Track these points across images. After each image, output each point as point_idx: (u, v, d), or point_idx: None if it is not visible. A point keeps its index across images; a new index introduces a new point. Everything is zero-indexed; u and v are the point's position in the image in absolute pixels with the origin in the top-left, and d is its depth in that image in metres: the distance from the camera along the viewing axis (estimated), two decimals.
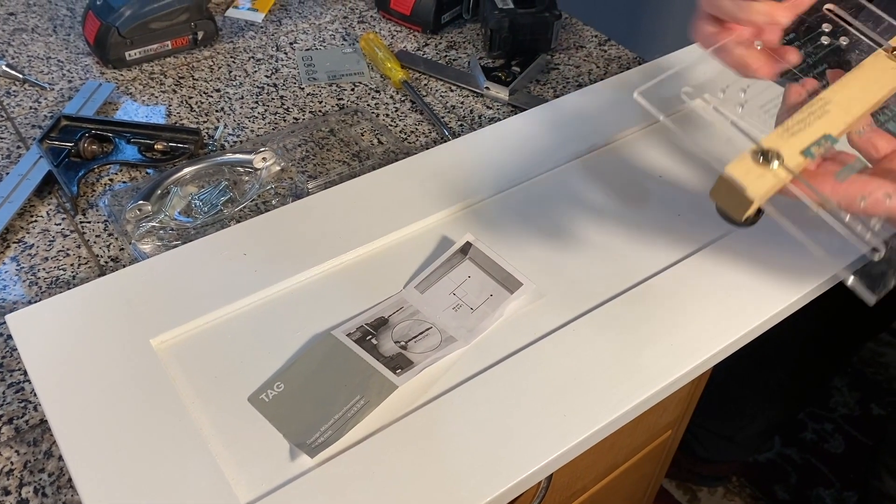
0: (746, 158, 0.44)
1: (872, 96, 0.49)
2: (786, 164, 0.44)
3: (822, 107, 0.48)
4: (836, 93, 0.49)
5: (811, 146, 0.45)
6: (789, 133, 0.46)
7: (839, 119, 0.47)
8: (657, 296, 0.57)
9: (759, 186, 0.43)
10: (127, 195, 0.66)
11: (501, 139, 0.70)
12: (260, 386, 0.51)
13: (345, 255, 0.59)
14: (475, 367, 0.52)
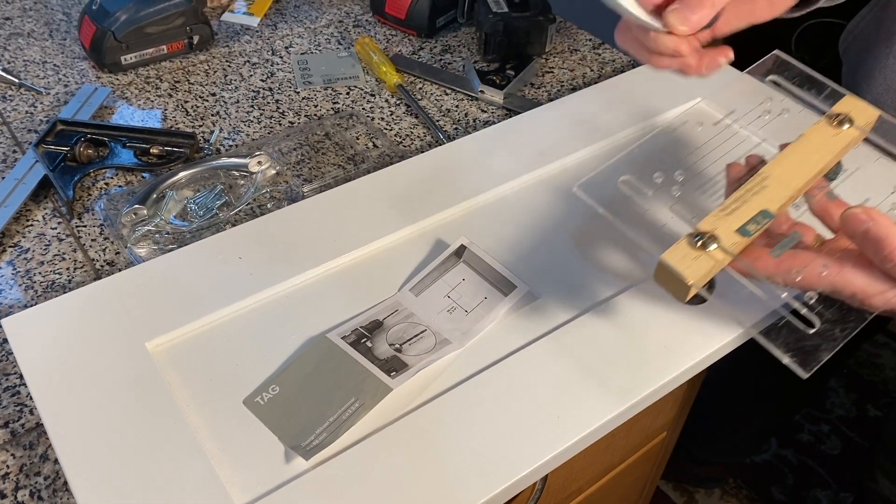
0: (683, 243, 0.45)
1: (814, 166, 0.49)
2: (722, 245, 0.45)
3: (760, 182, 0.48)
4: (776, 166, 0.49)
5: (747, 224, 0.46)
6: (726, 213, 0.47)
7: (778, 193, 0.48)
8: (652, 298, 0.57)
9: (695, 271, 0.44)
10: (123, 199, 0.67)
11: (496, 142, 0.71)
12: (255, 389, 0.51)
13: (340, 259, 0.60)
14: (470, 369, 0.52)
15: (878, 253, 0.43)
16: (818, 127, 0.51)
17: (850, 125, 0.51)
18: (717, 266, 0.45)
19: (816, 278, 0.45)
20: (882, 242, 0.43)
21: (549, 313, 0.56)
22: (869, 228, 0.44)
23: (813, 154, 0.50)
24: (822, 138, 0.51)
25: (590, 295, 0.57)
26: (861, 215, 0.44)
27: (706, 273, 0.45)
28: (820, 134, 0.51)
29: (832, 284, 0.46)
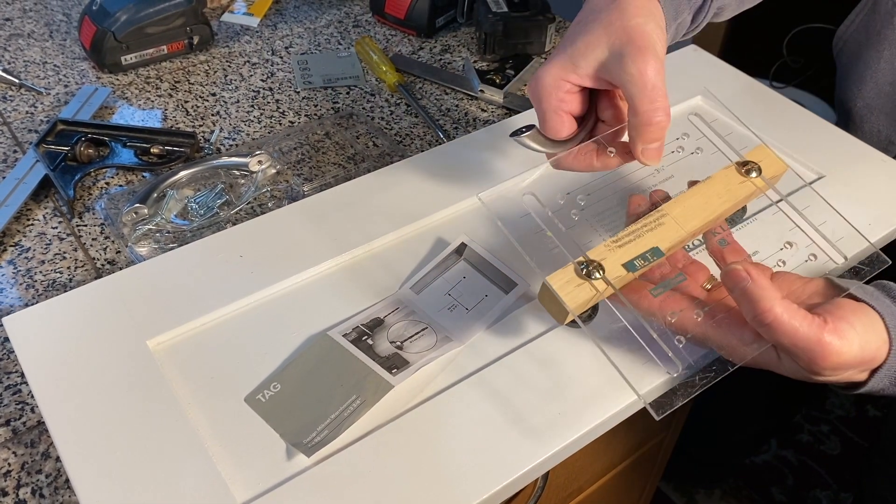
0: (569, 269, 0.46)
1: (713, 210, 0.49)
2: (607, 276, 0.45)
3: (657, 219, 0.48)
4: (677, 205, 0.49)
5: (635, 259, 0.46)
6: (617, 244, 0.47)
7: (672, 233, 0.48)
8: None
9: (575, 297, 0.45)
10: (123, 198, 0.67)
11: (496, 141, 0.71)
12: (256, 386, 0.51)
13: (340, 257, 0.60)
14: (470, 366, 0.52)
15: (750, 312, 0.43)
16: (725, 172, 0.51)
17: (757, 174, 0.51)
18: (597, 296, 0.45)
19: (690, 323, 0.46)
20: (756, 303, 0.43)
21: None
22: (746, 287, 0.43)
23: (715, 198, 0.49)
24: (727, 184, 0.50)
25: None
26: (741, 273, 0.44)
27: (585, 302, 0.45)
28: (726, 179, 0.50)
29: (704, 334, 0.46)
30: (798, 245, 0.50)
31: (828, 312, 0.44)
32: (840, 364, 0.43)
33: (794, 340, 0.42)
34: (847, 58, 0.81)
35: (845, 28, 0.80)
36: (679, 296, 0.48)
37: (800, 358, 0.43)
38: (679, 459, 1.34)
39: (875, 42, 0.74)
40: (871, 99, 0.75)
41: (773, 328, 0.42)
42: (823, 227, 0.50)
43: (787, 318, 0.42)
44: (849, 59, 0.80)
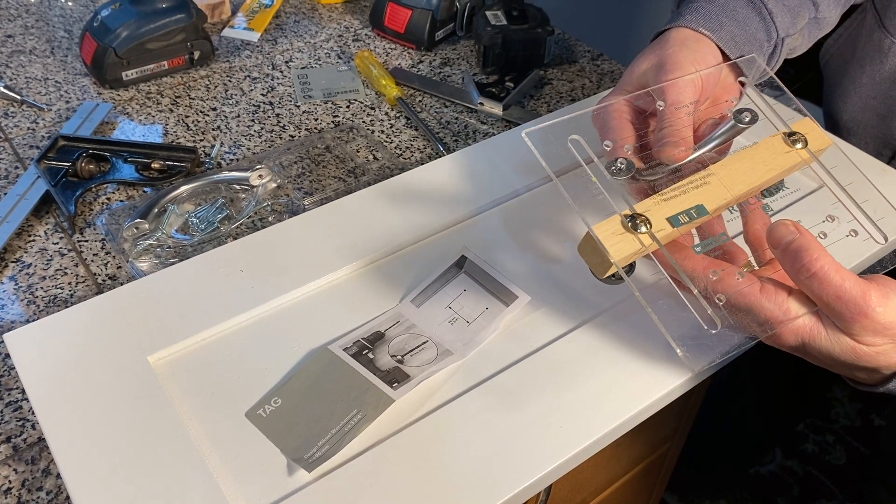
0: (616, 220, 0.45)
1: (759, 176, 0.49)
2: (652, 230, 0.45)
3: (703, 178, 0.48)
4: (724, 167, 0.49)
5: (679, 214, 0.46)
6: (663, 199, 0.46)
7: (718, 193, 0.47)
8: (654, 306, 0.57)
9: (620, 250, 0.44)
10: (124, 214, 0.67)
11: (496, 153, 0.71)
12: (257, 401, 0.51)
13: (341, 271, 0.60)
14: (471, 379, 0.52)
15: (795, 262, 0.43)
16: (772, 141, 0.51)
17: (803, 146, 0.51)
18: (642, 250, 0.45)
19: (731, 282, 0.45)
20: (802, 252, 0.43)
21: (552, 322, 0.56)
22: (794, 240, 0.44)
23: (761, 165, 0.49)
24: (773, 152, 0.50)
25: (592, 304, 0.57)
26: (790, 226, 0.44)
27: (630, 255, 0.44)
28: (772, 147, 0.50)
29: (747, 303, 0.45)
30: (840, 220, 0.50)
31: (872, 279, 0.44)
32: (884, 325, 0.43)
33: (840, 292, 0.42)
34: (833, 71, 0.81)
35: (832, 42, 0.81)
36: (722, 262, 0.47)
37: (842, 314, 0.43)
38: (684, 470, 1.34)
39: (859, 57, 0.74)
40: (857, 113, 0.76)
41: (818, 277, 0.42)
42: (865, 206, 0.50)
43: (833, 271, 0.42)
44: (834, 73, 0.80)
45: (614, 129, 0.52)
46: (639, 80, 0.55)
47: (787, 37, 0.61)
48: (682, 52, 0.54)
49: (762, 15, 0.59)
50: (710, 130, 0.52)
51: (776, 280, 0.46)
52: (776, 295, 0.44)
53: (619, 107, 0.54)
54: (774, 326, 0.45)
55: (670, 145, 0.49)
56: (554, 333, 0.55)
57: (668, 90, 0.51)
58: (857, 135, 0.74)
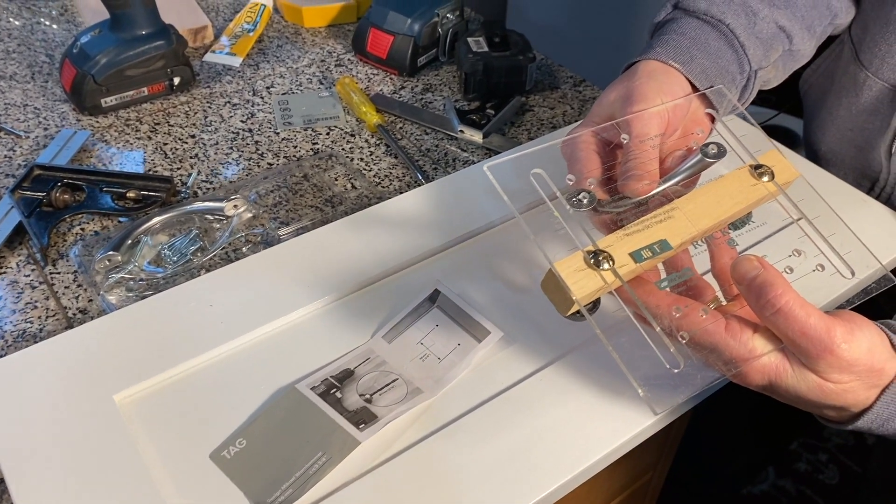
0: (578, 257, 0.44)
1: (725, 210, 0.48)
2: (615, 266, 0.44)
3: (667, 212, 0.47)
4: (688, 201, 0.48)
5: (642, 249, 0.45)
6: (626, 234, 0.46)
7: (682, 228, 0.47)
8: (629, 343, 0.56)
9: (582, 287, 0.43)
10: (97, 245, 0.66)
11: (474, 183, 0.70)
12: (222, 442, 0.50)
13: (313, 305, 0.59)
14: (440, 420, 0.52)
15: (760, 298, 0.42)
16: (738, 173, 0.50)
17: (770, 179, 0.50)
18: (604, 287, 0.44)
19: (695, 322, 0.44)
20: (767, 288, 0.42)
21: (525, 359, 0.55)
22: (758, 275, 0.43)
23: (727, 198, 0.49)
24: (739, 186, 0.49)
25: (565, 339, 0.57)
26: (754, 262, 0.44)
27: (593, 292, 0.44)
28: (738, 181, 0.50)
29: (712, 341, 0.44)
30: (807, 254, 0.50)
31: (837, 315, 0.44)
32: (849, 362, 0.42)
33: (805, 328, 0.41)
34: (811, 101, 0.81)
35: (811, 72, 0.81)
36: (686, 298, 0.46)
37: (808, 351, 0.42)
38: (673, 491, 1.32)
39: (836, 89, 0.74)
40: (834, 144, 0.75)
41: (782, 314, 0.42)
42: (833, 239, 0.49)
43: (798, 306, 0.42)
44: (813, 103, 0.80)
45: (580, 160, 0.52)
46: (606, 111, 0.55)
47: (760, 69, 0.61)
48: (649, 83, 0.53)
49: (734, 47, 0.59)
50: (677, 163, 0.51)
51: (742, 317, 0.45)
52: (741, 333, 0.44)
53: (586, 138, 0.53)
54: (739, 365, 0.44)
55: (634, 179, 0.49)
56: (525, 371, 0.55)
57: (634, 122, 0.51)
58: (836, 165, 0.74)
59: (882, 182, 0.71)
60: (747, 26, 0.60)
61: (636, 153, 0.49)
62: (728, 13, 0.60)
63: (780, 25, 0.62)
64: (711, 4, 0.60)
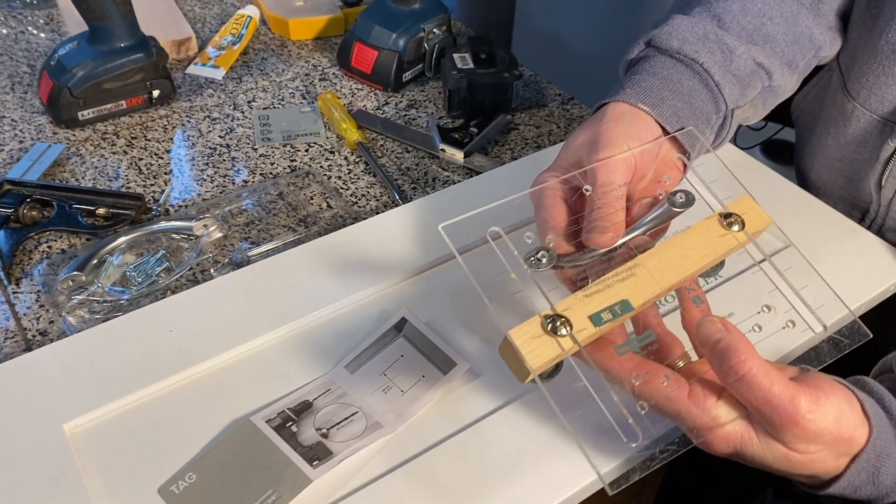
0: (535, 322, 0.42)
1: (692, 265, 0.46)
2: (574, 331, 0.42)
3: (629, 269, 0.45)
4: (652, 257, 0.46)
5: (602, 311, 0.43)
6: (586, 295, 0.43)
7: (645, 286, 0.44)
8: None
9: (539, 356, 0.41)
10: (63, 264, 0.65)
11: (450, 205, 0.69)
12: (172, 476, 0.49)
13: (277, 331, 0.57)
14: (398, 457, 0.50)
15: (723, 364, 0.41)
16: (707, 223, 0.48)
17: (740, 228, 0.47)
18: (561, 355, 0.42)
19: (657, 388, 0.42)
20: (730, 353, 0.40)
21: (491, 393, 0.54)
22: (721, 338, 0.41)
23: (693, 251, 0.46)
24: (707, 237, 0.47)
25: None
26: (717, 324, 0.42)
27: (550, 360, 0.41)
28: (706, 231, 0.47)
29: (674, 409, 0.42)
30: (777, 309, 0.47)
31: (804, 382, 0.42)
32: (815, 433, 0.40)
33: (768, 397, 0.39)
34: (802, 128, 0.78)
35: (802, 97, 0.78)
36: (645, 359, 0.44)
37: (772, 421, 0.40)
38: None
39: (825, 118, 0.72)
40: (823, 173, 0.73)
41: (745, 381, 0.40)
42: (805, 292, 0.47)
43: (762, 374, 0.40)
44: (803, 130, 0.78)
45: (546, 209, 0.50)
46: (573, 156, 0.53)
47: (738, 108, 0.58)
48: (616, 128, 0.51)
49: (709, 87, 0.56)
50: (644, 212, 0.49)
51: (707, 380, 0.43)
52: (704, 400, 0.42)
53: (553, 185, 0.51)
54: (703, 434, 0.42)
55: (598, 231, 0.46)
56: (490, 406, 0.53)
57: (599, 171, 0.49)
58: (826, 194, 0.71)
59: (872, 213, 0.69)
60: (723, 64, 0.57)
61: (600, 203, 0.47)
62: (702, 51, 0.57)
63: (758, 62, 0.60)
64: (684, 42, 0.57)
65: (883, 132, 0.64)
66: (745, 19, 0.60)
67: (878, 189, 0.66)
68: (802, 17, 0.63)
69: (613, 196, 0.47)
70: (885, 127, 0.64)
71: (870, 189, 0.67)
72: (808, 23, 0.63)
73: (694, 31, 0.57)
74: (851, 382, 0.45)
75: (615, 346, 0.43)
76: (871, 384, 0.45)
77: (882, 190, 0.65)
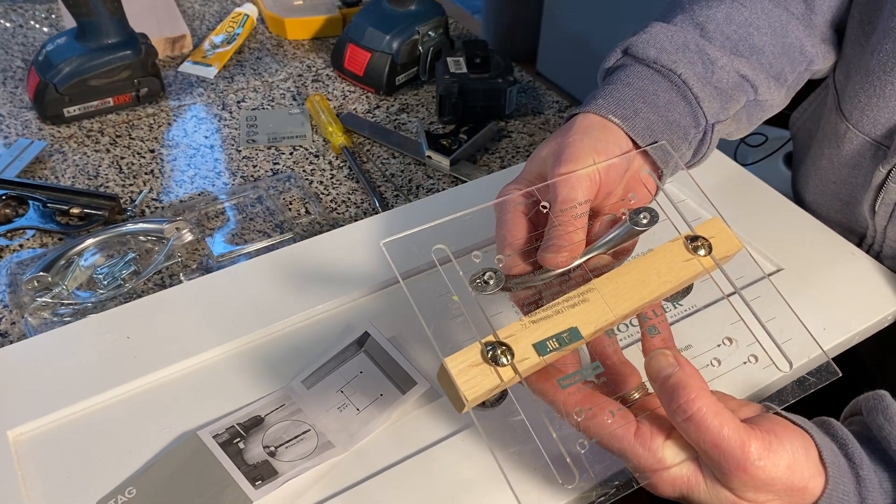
0: (474, 350, 0.39)
1: (650, 291, 0.42)
2: (515, 360, 0.39)
3: (582, 294, 0.42)
4: (609, 281, 0.42)
5: (549, 339, 0.40)
6: (532, 321, 0.40)
7: (598, 313, 0.41)
8: None
9: (475, 386, 0.38)
10: (32, 264, 0.64)
11: (429, 215, 0.66)
12: (111, 490, 0.47)
13: (237, 341, 0.56)
14: (348, 479, 0.48)
15: (672, 402, 0.38)
16: (671, 246, 0.44)
17: (706, 253, 0.44)
18: (500, 386, 0.39)
19: (600, 424, 0.39)
20: (679, 390, 0.38)
21: (448, 416, 0.51)
22: (671, 374, 0.38)
23: (654, 277, 0.43)
24: (670, 261, 0.43)
25: None
26: (669, 357, 0.39)
27: (487, 392, 0.39)
28: (670, 255, 0.44)
29: (619, 448, 0.40)
30: (738, 343, 0.44)
31: (758, 425, 0.39)
32: (764, 481, 0.38)
33: (717, 440, 0.37)
34: (799, 146, 0.75)
35: (799, 114, 0.74)
36: (593, 392, 0.41)
37: (720, 466, 0.38)
38: None
39: (820, 138, 0.68)
40: (818, 195, 0.69)
41: (694, 422, 0.37)
42: (771, 325, 0.44)
43: (712, 415, 0.37)
44: (800, 148, 0.74)
45: (505, 224, 0.47)
46: (538, 168, 0.50)
47: (718, 122, 0.55)
48: (582, 140, 0.48)
49: (687, 99, 0.53)
50: (605, 230, 0.46)
51: (658, 417, 0.40)
52: (651, 440, 0.39)
53: (515, 199, 0.48)
54: (649, 475, 0.39)
55: (552, 250, 0.43)
56: (442, 432, 0.50)
57: (560, 186, 0.46)
58: (822, 217, 0.67)
59: (869, 239, 0.65)
60: (703, 76, 0.54)
61: (558, 222, 0.44)
62: (681, 62, 0.53)
63: (743, 74, 0.56)
64: (662, 52, 0.54)
65: (876, 156, 0.60)
66: (729, 29, 0.56)
67: (871, 214, 0.62)
68: (792, 27, 0.59)
69: (573, 214, 0.44)
70: (878, 151, 0.60)
71: (864, 214, 0.63)
72: (798, 34, 0.59)
73: (673, 39, 0.54)
74: (817, 424, 0.42)
75: (559, 378, 0.40)
76: (835, 427, 0.42)
77: (875, 217, 0.62)
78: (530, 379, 0.40)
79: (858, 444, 0.41)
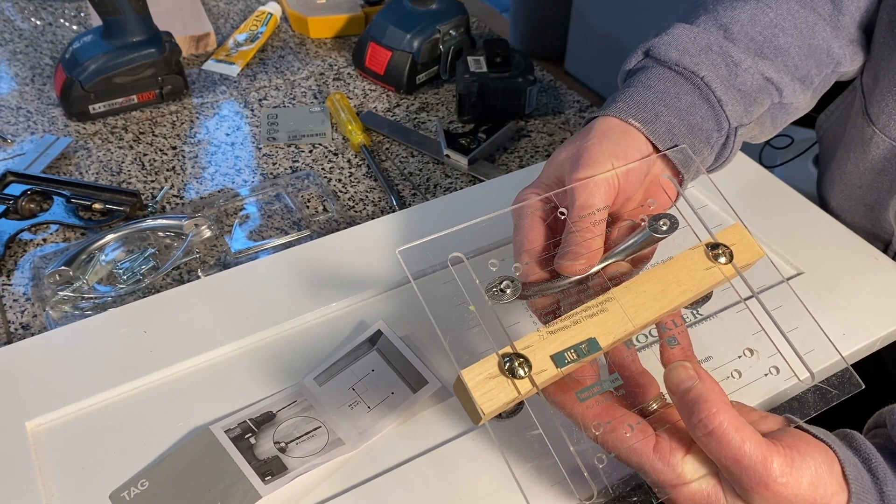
0: (492, 361, 0.38)
1: (670, 301, 0.41)
2: (533, 373, 0.38)
3: (601, 304, 0.41)
4: (627, 291, 0.41)
5: (567, 351, 0.39)
6: (550, 331, 0.40)
7: (617, 323, 0.40)
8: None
9: (492, 399, 0.37)
10: (54, 258, 0.65)
11: (445, 214, 0.66)
12: (125, 482, 0.48)
13: (251, 337, 0.56)
14: (354, 478, 0.48)
15: (693, 416, 0.37)
16: (691, 254, 0.43)
17: (727, 261, 0.43)
18: (517, 398, 0.38)
19: (619, 439, 0.39)
20: (700, 404, 0.37)
21: (458, 416, 0.51)
22: (692, 387, 0.37)
23: (674, 286, 0.42)
24: (690, 269, 0.43)
25: None
26: (689, 370, 0.38)
27: (504, 404, 0.38)
28: (690, 263, 0.43)
29: (638, 462, 0.39)
30: (760, 354, 0.43)
31: (780, 440, 0.38)
32: (787, 498, 0.37)
33: (739, 455, 0.36)
34: (825, 149, 0.73)
35: (826, 116, 0.72)
36: (612, 404, 0.41)
37: (741, 482, 0.37)
38: None
39: (846, 141, 0.66)
40: (843, 200, 0.67)
41: (715, 437, 0.37)
42: (793, 335, 0.43)
43: (734, 430, 0.37)
44: (826, 151, 0.72)
45: (523, 230, 0.47)
46: (556, 172, 0.49)
47: (742, 126, 0.54)
48: (601, 144, 0.47)
49: (710, 102, 0.52)
50: (623, 237, 0.45)
51: (678, 430, 0.40)
52: (671, 454, 0.39)
53: (533, 205, 0.47)
54: (668, 491, 0.39)
55: (569, 257, 0.43)
56: (453, 431, 0.50)
57: (578, 192, 0.45)
58: (846, 222, 0.66)
59: (895, 246, 0.63)
60: (727, 78, 0.53)
61: (576, 228, 0.44)
62: (703, 64, 0.52)
63: (767, 77, 0.55)
64: (684, 54, 0.52)
65: None
66: (754, 30, 0.55)
67: None
68: (819, 28, 0.58)
69: (591, 220, 0.44)
70: None
71: (890, 220, 0.61)
72: (825, 35, 0.58)
73: (696, 41, 0.53)
74: (839, 437, 0.41)
75: (577, 391, 0.40)
76: (858, 441, 0.41)
77: None
78: (548, 390, 0.40)
79: (882, 458, 0.40)
